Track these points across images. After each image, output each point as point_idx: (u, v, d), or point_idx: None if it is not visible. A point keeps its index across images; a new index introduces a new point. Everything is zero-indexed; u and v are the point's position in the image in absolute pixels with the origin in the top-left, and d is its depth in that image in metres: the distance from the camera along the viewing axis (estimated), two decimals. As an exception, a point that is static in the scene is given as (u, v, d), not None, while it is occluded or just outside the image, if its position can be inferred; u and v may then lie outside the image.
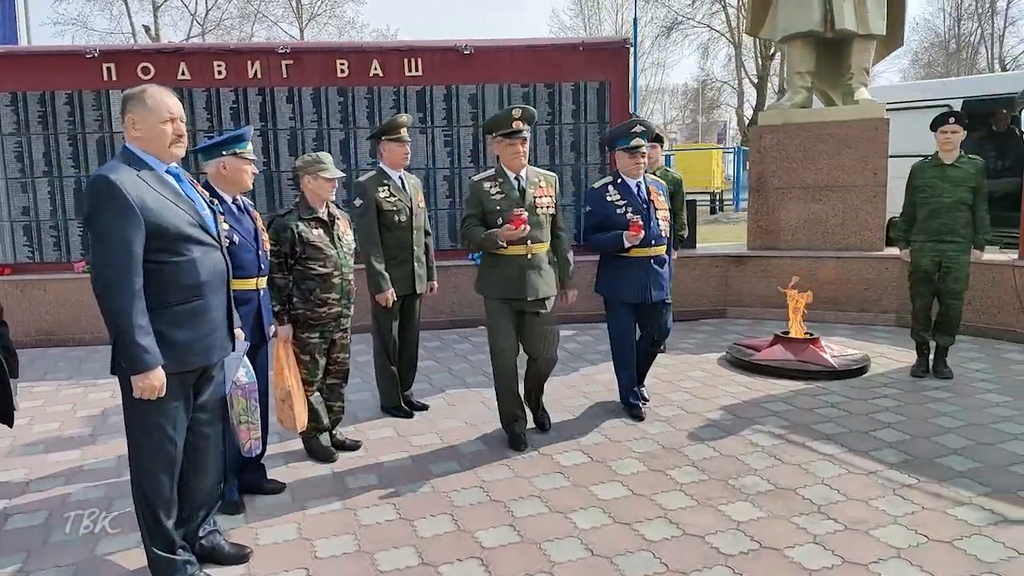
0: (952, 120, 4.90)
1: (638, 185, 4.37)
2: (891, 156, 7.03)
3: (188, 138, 2.64)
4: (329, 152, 4.89)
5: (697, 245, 7.81)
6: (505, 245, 3.84)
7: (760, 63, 30.42)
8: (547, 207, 4.00)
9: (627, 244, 4.19)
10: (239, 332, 2.87)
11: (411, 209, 4.59)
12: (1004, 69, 33.25)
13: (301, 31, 31.42)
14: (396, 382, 4.74)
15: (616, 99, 7.48)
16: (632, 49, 7.62)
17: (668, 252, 4.56)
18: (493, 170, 3.96)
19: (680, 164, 22.20)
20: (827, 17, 7.07)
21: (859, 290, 6.86)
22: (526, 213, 3.79)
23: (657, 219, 4.34)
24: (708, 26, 32.84)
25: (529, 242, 3.89)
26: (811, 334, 5.49)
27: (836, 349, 5.45)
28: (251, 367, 2.99)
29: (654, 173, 5.97)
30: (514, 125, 3.83)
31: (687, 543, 2.99)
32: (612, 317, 4.47)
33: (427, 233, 4.82)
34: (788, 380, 5.11)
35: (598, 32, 36.66)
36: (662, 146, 6.22)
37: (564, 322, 5.92)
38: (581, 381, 5.33)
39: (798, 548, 2.92)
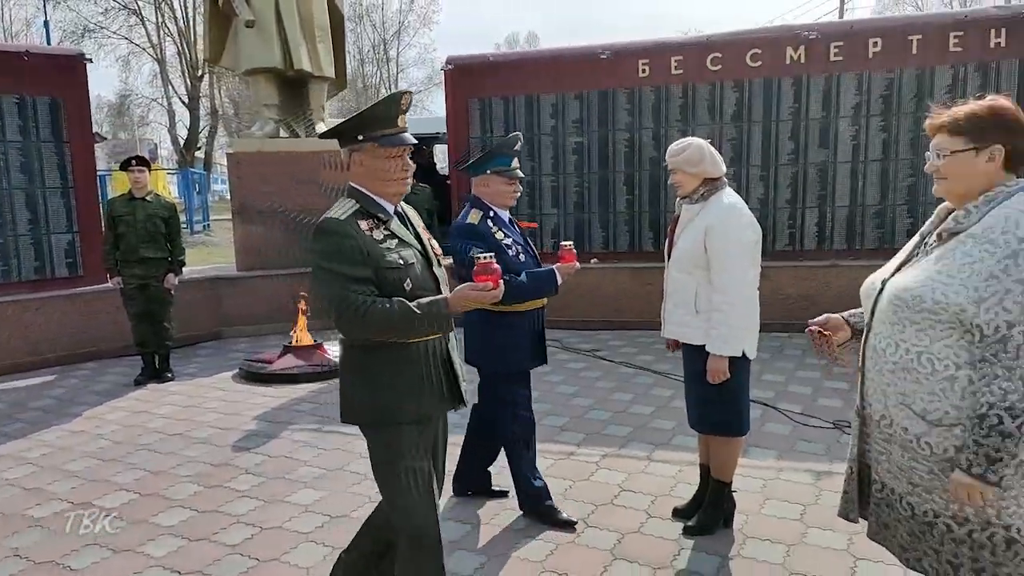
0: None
1: (510, 219, 3.37)
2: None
3: None
4: None
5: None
6: None
7: (190, 84, 30.16)
8: (440, 253, 2.42)
9: (561, 280, 3.16)
10: None
11: None
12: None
13: None
14: None
15: (74, 116, 6.86)
16: (88, 63, 7.05)
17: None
18: (353, 202, 2.21)
19: (122, 185, 20.51)
20: (286, 57, 7.85)
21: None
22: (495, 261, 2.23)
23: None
24: (127, 39, 30.94)
25: None
26: (317, 341, 6.18)
27: (338, 351, 6.26)
28: None
29: (144, 199, 5.82)
30: (400, 122, 2.22)
31: (268, 535, 3.30)
32: (511, 394, 3.33)
33: None
34: (306, 383, 5.70)
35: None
36: (150, 169, 6.04)
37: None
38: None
39: (361, 510, 3.52)
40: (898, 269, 1.94)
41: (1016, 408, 1.66)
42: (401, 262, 2.18)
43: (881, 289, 1.94)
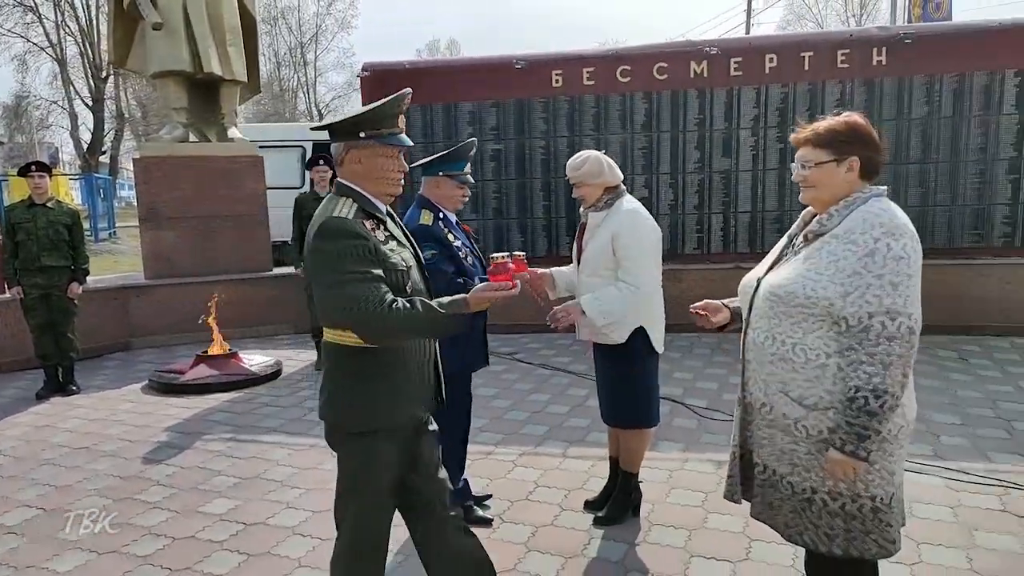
0: (322, 162, 6.16)
1: (456, 221, 3.36)
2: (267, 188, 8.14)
3: None
4: None
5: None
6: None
7: (94, 85, 28.80)
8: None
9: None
10: None
11: None
12: (321, 114, 39.63)
13: None
14: None
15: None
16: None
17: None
18: (351, 201, 2.12)
19: (20, 191, 19.39)
20: (195, 59, 7.68)
21: (259, 307, 7.72)
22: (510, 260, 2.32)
23: None
24: (23, 37, 29.28)
25: None
26: (231, 350, 6.07)
27: (254, 359, 6.17)
28: None
29: (45, 205, 5.59)
30: (400, 122, 2.20)
31: (181, 545, 3.26)
32: (461, 393, 3.34)
33: None
34: (220, 393, 5.60)
35: None
36: (51, 174, 5.79)
37: None
38: None
39: (277, 516, 3.52)
40: (771, 268, 2.14)
41: (879, 389, 1.86)
42: (404, 264, 2.14)
43: (757, 287, 2.14)
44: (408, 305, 2.02)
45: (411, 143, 2.24)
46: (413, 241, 2.31)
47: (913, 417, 2.02)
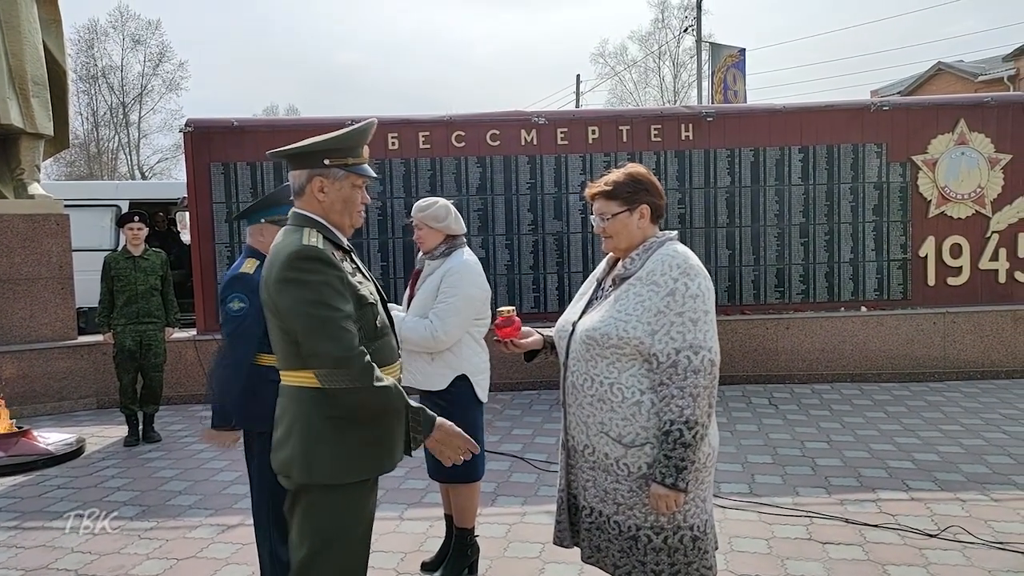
0: (137, 219, 5.73)
1: None
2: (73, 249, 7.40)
3: None
4: None
5: None
6: None
7: None
8: None
9: None
10: None
11: None
12: (144, 175, 37.28)
13: None
14: None
15: None
16: None
17: None
18: (315, 231, 2.03)
19: None
20: (-10, 110, 6.98)
21: (58, 379, 6.90)
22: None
23: None
24: None
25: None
26: (21, 427, 5.34)
27: (50, 437, 5.47)
28: None
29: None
30: (365, 153, 2.12)
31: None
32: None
33: None
34: (5, 477, 4.88)
35: None
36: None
37: None
38: None
39: (68, 613, 3.08)
40: (584, 312, 2.22)
41: (691, 421, 1.95)
42: (373, 297, 2.05)
43: (572, 332, 2.20)
44: (383, 379, 1.95)
45: (375, 175, 2.17)
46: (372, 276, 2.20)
47: (717, 444, 2.14)
